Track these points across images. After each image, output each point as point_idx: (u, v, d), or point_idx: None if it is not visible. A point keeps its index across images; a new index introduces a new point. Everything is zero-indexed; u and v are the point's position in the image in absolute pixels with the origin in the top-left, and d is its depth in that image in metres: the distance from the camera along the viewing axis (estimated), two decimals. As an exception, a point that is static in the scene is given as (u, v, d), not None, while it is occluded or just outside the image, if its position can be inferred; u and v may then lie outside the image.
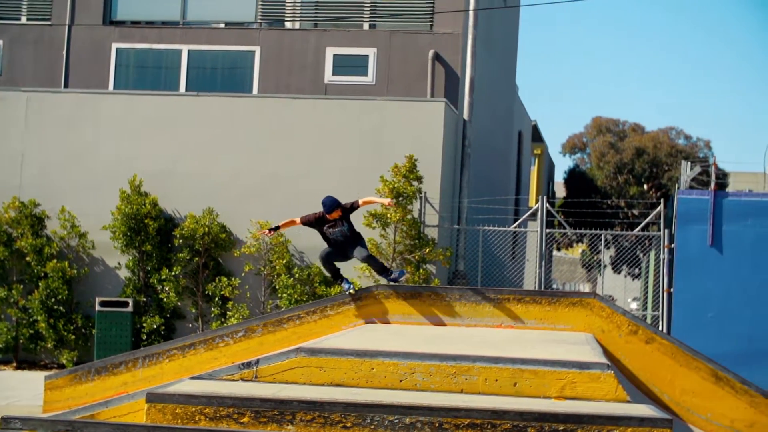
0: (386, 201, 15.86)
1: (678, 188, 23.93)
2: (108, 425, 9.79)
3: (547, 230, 24.12)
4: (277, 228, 15.89)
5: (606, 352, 13.46)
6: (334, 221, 15.04)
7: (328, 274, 15.71)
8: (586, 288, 48.74)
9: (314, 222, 15.22)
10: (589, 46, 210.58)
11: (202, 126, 24.34)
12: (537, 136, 49.79)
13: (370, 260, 15.33)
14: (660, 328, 22.41)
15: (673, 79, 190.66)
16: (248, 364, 11.11)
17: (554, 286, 38.97)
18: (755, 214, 22.25)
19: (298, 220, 15.48)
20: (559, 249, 54.21)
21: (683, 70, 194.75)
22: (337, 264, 15.47)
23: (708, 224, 22.26)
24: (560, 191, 61.05)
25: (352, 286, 15.07)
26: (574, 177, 57.05)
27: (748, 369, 19.12)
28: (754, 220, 22.24)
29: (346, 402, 9.69)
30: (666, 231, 23.20)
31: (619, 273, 47.37)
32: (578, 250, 56.21)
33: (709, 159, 48.00)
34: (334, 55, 26.66)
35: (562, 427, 9.43)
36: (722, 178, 48.26)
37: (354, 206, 15.32)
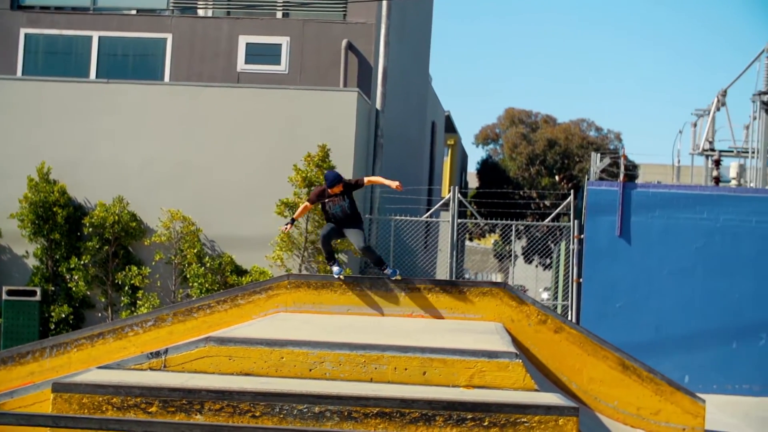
0: (394, 183, 15.25)
1: (588, 179, 24.19)
2: (12, 416, 9.66)
3: (459, 220, 24.27)
4: (293, 221, 15.52)
5: (515, 342, 13.58)
6: (335, 196, 14.83)
7: (323, 253, 15.45)
8: (498, 278, 49.12)
9: (317, 197, 15.00)
10: (502, 38, 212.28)
11: (113, 113, 24.08)
12: (450, 127, 49.97)
13: (368, 251, 15.16)
14: (569, 317, 22.65)
15: (585, 71, 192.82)
16: (157, 354, 11.03)
17: (466, 276, 39.21)
18: (662, 206, 22.57)
19: (308, 203, 15.27)
20: (471, 239, 54.57)
21: (596, 62, 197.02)
22: (334, 242, 15.29)
23: (617, 215, 22.53)
24: (473, 182, 61.43)
25: (342, 271, 14.94)
26: (486, 168, 57.48)
27: (654, 358, 19.45)
28: (661, 211, 22.56)
29: (255, 391, 9.67)
30: (576, 222, 23.44)
31: (531, 263, 47.81)
32: (490, 240, 56.64)
33: (619, 151, 48.56)
34: (247, 44, 26.51)
35: (470, 416, 9.50)
36: (632, 169, 48.95)
37: (358, 183, 15.13)
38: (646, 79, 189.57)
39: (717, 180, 27.27)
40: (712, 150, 31.50)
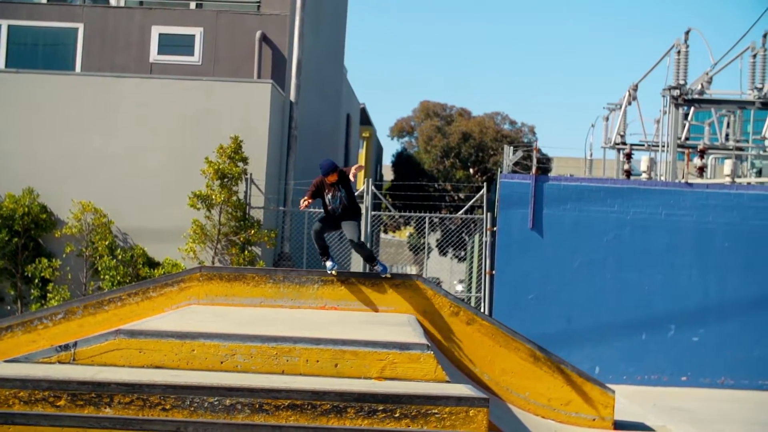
0: (352, 171, 14.79)
1: (501, 172, 24.34)
2: None
3: (374, 213, 24.32)
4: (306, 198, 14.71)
5: (428, 333, 13.65)
6: (332, 186, 14.55)
7: (316, 247, 15.15)
8: (413, 270, 49.25)
9: (316, 189, 14.62)
10: (418, 31, 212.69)
11: (23, 104, 23.77)
12: (365, 119, 50.07)
13: (360, 247, 14.94)
14: (482, 309, 22.79)
15: (500, 64, 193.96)
16: (66, 347, 10.91)
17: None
18: (574, 198, 22.80)
19: (308, 198, 14.53)
20: (386, 231, 54.68)
21: (510, 55, 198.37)
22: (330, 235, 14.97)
23: (529, 208, 22.71)
24: (388, 174, 61.47)
25: (335, 267, 14.76)
26: (401, 160, 57.54)
27: (566, 349, 19.67)
28: (572, 203, 22.79)
29: (166, 384, 9.61)
30: (489, 214, 23.57)
31: (446, 255, 47.97)
32: (405, 232, 56.77)
33: (532, 144, 48.93)
34: (160, 34, 26.27)
35: (381, 407, 9.53)
36: (545, 162, 49.29)
37: (347, 173, 14.64)
38: (560, 74, 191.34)
39: (628, 173, 27.53)
40: (624, 143, 31.79)
